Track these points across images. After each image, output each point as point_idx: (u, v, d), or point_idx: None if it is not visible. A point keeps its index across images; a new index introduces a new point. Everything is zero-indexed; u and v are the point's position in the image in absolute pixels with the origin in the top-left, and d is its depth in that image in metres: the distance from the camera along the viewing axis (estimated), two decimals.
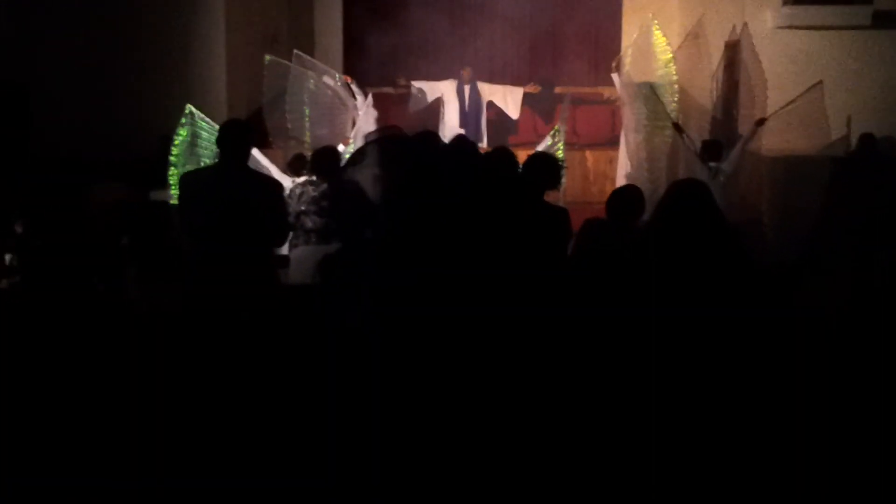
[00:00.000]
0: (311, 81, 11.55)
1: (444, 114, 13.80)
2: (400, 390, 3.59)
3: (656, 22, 12.41)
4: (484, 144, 13.33)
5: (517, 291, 4.08)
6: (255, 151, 7.94)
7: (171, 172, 9.64)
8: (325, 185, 7.61)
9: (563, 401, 3.82)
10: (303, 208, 7.78)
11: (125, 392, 4.20)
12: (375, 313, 3.69)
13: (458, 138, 5.67)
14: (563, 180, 6.08)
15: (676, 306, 4.04)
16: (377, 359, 3.61)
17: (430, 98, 13.86)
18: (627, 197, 5.95)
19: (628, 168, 11.88)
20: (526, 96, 15.51)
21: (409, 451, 3.55)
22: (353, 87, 12.54)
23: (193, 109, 9.56)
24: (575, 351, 3.99)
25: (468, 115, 13.68)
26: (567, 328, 4.05)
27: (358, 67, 15.87)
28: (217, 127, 7.04)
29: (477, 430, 3.59)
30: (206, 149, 9.57)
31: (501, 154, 5.63)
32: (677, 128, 11.39)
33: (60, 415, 4.23)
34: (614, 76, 12.61)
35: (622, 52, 12.44)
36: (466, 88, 13.79)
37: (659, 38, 12.13)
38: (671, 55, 12.06)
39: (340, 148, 11.21)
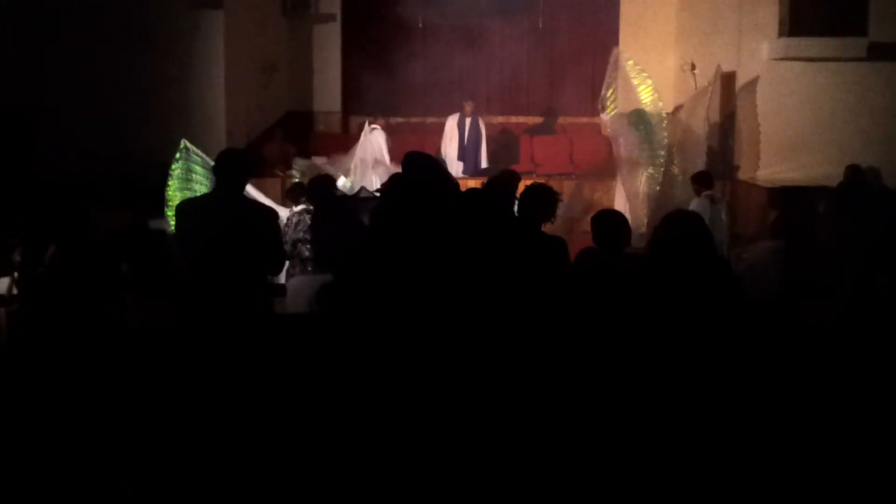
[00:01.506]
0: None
1: (445, 145, 13.86)
2: (397, 405, 3.61)
3: (622, 52, 12.53)
4: (483, 167, 13.42)
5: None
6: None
7: (168, 205, 9.67)
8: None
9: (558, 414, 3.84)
10: (300, 237, 7.80)
11: (120, 413, 4.20)
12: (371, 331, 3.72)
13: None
14: (559, 211, 6.06)
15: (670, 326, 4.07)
16: (372, 382, 3.64)
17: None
18: (608, 222, 5.94)
19: (626, 205, 11.91)
20: (530, 126, 15.66)
21: (406, 461, 3.56)
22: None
23: (188, 144, 9.60)
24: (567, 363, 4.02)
25: (467, 147, 13.76)
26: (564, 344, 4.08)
27: (356, 98, 15.98)
28: (211, 162, 7.07)
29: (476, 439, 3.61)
30: (200, 183, 9.61)
31: (503, 179, 5.66)
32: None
33: (55, 431, 4.23)
34: (602, 116, 12.69)
35: (604, 91, 12.49)
36: (468, 121, 13.87)
37: (630, 67, 12.23)
38: (647, 79, 12.14)
39: (341, 181, 11.28)
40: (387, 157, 12.46)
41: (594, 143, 15.15)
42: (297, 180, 10.98)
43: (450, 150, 13.78)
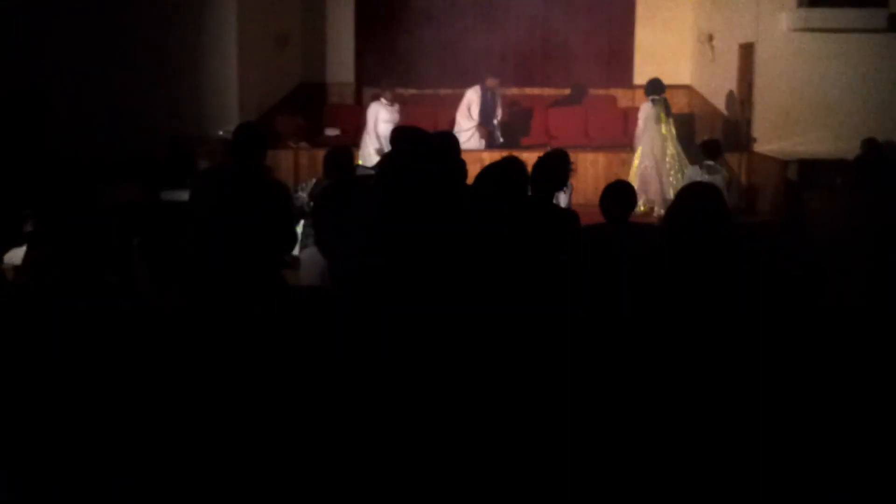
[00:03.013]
0: None
1: (461, 117, 13.68)
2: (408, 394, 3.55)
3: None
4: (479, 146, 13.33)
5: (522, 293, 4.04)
6: None
7: None
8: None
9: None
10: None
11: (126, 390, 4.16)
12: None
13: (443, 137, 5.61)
14: (571, 179, 5.99)
15: (686, 308, 4.00)
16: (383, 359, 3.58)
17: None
18: (617, 191, 5.93)
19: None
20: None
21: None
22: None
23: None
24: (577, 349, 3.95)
25: (485, 122, 13.62)
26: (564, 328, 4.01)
27: (369, 68, 15.87)
28: None
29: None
30: None
31: (512, 162, 5.57)
32: None
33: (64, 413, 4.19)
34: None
35: None
36: (488, 95, 13.72)
37: None
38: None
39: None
40: (374, 128, 12.30)
41: (610, 115, 15.02)
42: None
43: (467, 122, 13.60)
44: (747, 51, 13.10)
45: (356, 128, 14.66)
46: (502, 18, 15.89)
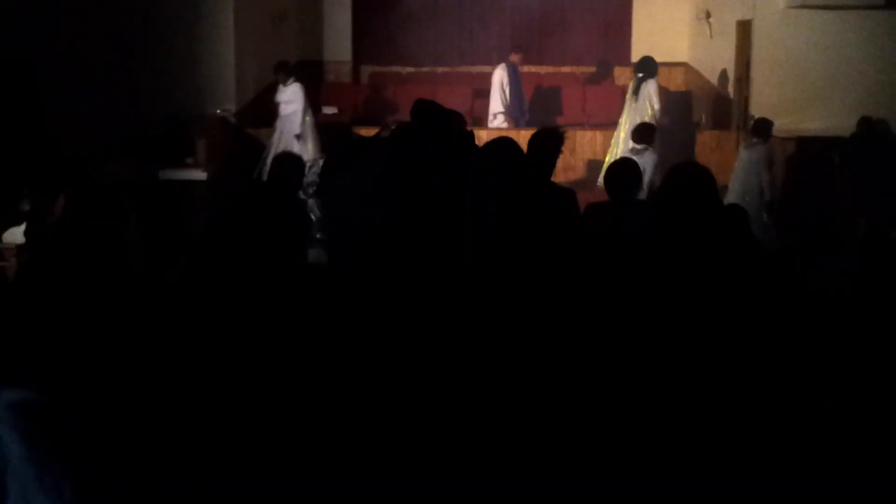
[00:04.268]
0: None
1: (494, 99, 13.59)
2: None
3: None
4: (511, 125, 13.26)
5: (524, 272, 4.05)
6: None
7: None
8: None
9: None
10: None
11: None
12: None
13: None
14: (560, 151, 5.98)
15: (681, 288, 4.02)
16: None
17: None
18: (623, 169, 5.94)
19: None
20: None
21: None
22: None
23: None
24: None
25: (515, 100, 13.56)
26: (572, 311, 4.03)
27: (366, 46, 15.84)
28: None
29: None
30: None
31: (504, 142, 5.56)
32: None
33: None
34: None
35: None
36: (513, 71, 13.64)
37: None
38: None
39: None
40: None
41: (607, 92, 15.01)
42: None
43: (497, 104, 13.48)
44: (745, 28, 13.07)
45: (353, 105, 14.68)
46: None
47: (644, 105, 11.82)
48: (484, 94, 14.85)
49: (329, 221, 6.51)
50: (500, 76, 13.51)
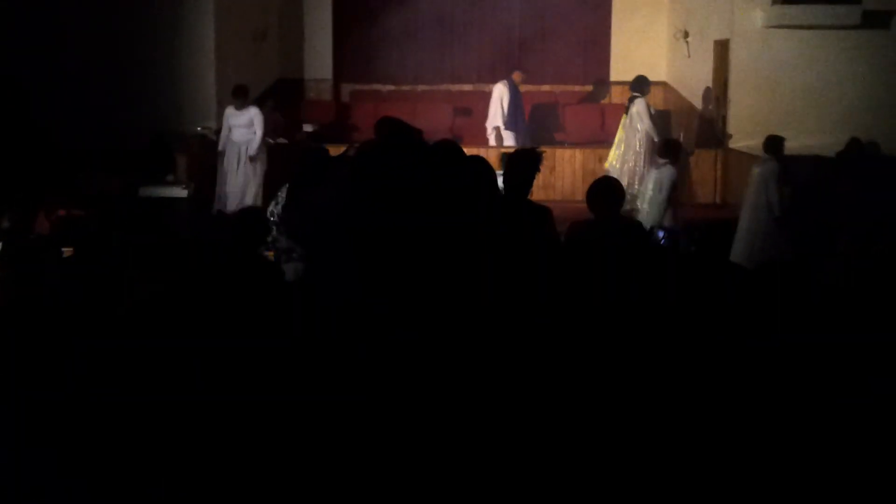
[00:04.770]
0: None
1: (493, 115, 13.76)
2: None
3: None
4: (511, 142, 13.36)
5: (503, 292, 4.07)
6: None
7: None
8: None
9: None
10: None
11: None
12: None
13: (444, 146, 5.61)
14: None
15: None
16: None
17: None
18: (604, 187, 5.99)
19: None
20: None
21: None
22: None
23: None
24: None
25: (517, 117, 13.71)
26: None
27: (347, 64, 15.88)
28: None
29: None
30: None
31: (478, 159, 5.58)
32: None
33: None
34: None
35: None
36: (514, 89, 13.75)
37: None
38: None
39: None
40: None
41: (587, 112, 15.11)
42: None
43: (496, 118, 13.69)
44: (722, 47, 13.20)
45: (334, 123, 14.71)
46: (479, 16, 15.93)
47: (635, 123, 11.98)
48: (463, 112, 14.95)
49: (298, 237, 6.46)
50: (500, 92, 13.71)
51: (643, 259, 4.32)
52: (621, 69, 15.60)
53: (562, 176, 13.02)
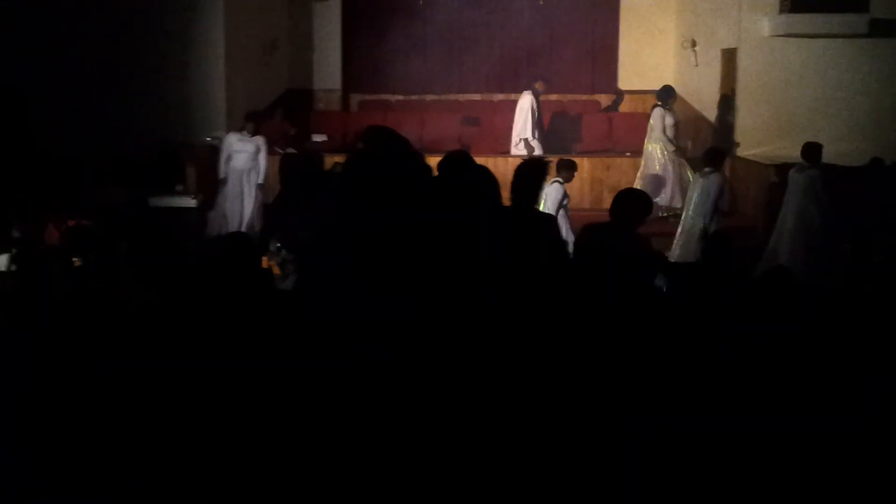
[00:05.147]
0: None
1: (520, 125, 13.73)
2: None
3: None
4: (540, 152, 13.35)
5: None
6: None
7: None
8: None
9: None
10: None
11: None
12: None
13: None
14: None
15: None
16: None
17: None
18: (632, 199, 5.96)
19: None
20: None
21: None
22: None
23: None
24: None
25: (536, 125, 13.71)
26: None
27: (356, 76, 15.93)
28: None
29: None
30: None
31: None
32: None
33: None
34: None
35: None
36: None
37: None
38: None
39: None
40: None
41: (595, 120, 15.11)
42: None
43: (525, 129, 13.64)
44: (730, 56, 13.21)
45: (343, 134, 14.74)
46: (487, 26, 15.96)
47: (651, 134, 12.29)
48: (472, 121, 14.95)
49: (291, 245, 6.47)
50: (528, 102, 13.66)
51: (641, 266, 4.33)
52: (629, 78, 15.63)
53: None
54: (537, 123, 13.65)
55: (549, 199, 9.64)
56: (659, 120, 12.22)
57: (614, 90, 15.87)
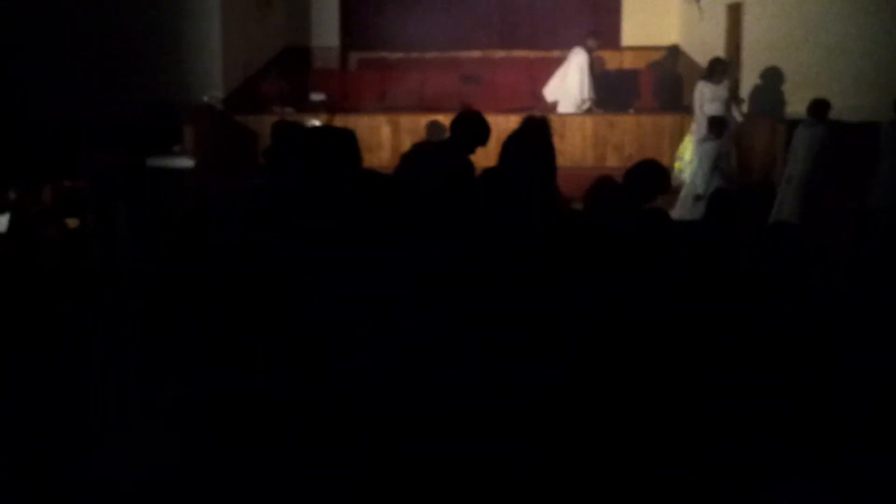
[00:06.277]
0: None
1: (574, 80, 13.31)
2: None
3: None
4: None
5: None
6: None
7: None
8: None
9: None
10: None
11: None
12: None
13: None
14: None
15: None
16: None
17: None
18: (649, 171, 5.72)
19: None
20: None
21: None
22: None
23: None
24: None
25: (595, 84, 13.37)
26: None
27: (354, 33, 15.72)
28: None
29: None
30: None
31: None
32: None
33: None
34: None
35: None
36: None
37: None
38: None
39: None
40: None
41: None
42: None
43: (583, 88, 13.21)
44: (735, 10, 13.00)
45: (341, 92, 14.56)
46: None
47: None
48: (472, 79, 14.74)
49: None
50: (583, 59, 13.20)
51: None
52: (633, 34, 15.40)
53: (571, 143, 12.86)
54: (596, 81, 13.32)
55: (703, 157, 10.16)
56: (698, 98, 11.57)
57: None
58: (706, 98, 11.46)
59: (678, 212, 10.11)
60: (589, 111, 13.15)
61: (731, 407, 3.45)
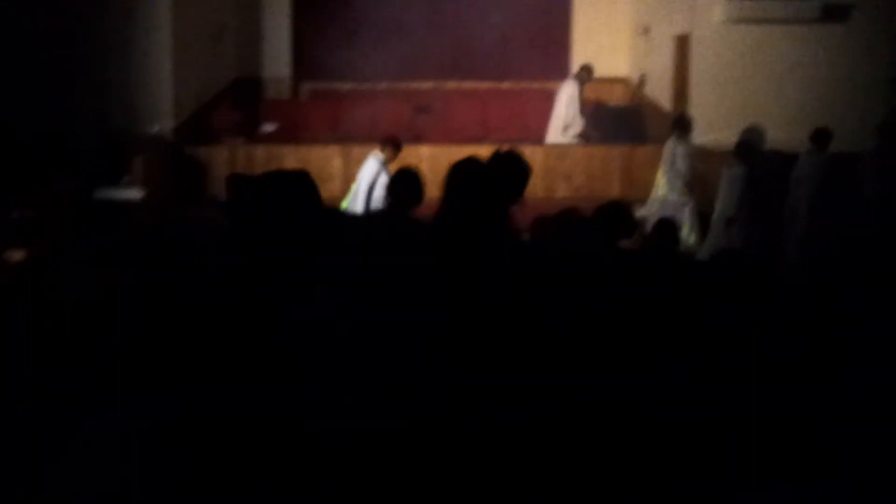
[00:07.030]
0: None
1: (569, 113, 13.49)
2: None
3: None
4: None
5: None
6: None
7: None
8: None
9: None
10: None
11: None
12: None
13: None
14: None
15: None
16: None
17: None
18: (615, 214, 5.84)
19: None
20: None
21: None
22: None
23: None
24: None
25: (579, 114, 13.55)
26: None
27: (305, 63, 15.72)
28: None
29: None
30: None
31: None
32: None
33: None
34: None
35: None
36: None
37: None
38: None
39: None
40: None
41: (547, 108, 15.01)
42: None
43: (569, 118, 13.42)
44: (683, 42, 13.19)
45: (292, 123, 14.54)
46: (438, 11, 15.82)
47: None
48: (423, 110, 14.80)
49: None
50: (572, 90, 13.42)
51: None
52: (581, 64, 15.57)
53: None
54: (580, 113, 13.47)
55: (735, 185, 10.46)
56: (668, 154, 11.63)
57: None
58: (679, 155, 11.51)
59: (710, 237, 10.59)
60: (586, 141, 13.30)
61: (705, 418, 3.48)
